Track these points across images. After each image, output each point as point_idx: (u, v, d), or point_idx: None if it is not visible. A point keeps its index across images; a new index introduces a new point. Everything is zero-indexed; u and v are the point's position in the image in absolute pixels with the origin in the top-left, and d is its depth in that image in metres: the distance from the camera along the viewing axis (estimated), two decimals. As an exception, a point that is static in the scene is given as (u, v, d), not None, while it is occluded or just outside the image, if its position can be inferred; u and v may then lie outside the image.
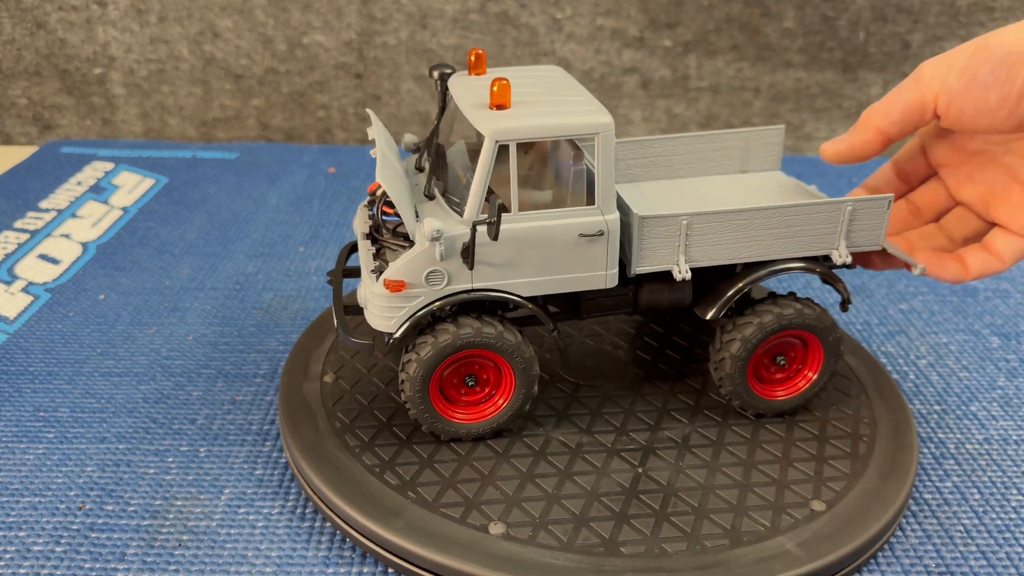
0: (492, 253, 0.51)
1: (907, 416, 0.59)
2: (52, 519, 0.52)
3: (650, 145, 0.62)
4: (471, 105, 0.51)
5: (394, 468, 0.53)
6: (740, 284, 0.55)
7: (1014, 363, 0.70)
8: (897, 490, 0.53)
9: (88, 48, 1.12)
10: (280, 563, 0.50)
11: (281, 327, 0.73)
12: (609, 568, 0.47)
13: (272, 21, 1.11)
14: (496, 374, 0.55)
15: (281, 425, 0.57)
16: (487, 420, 0.55)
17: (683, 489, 0.52)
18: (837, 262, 0.55)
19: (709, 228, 0.53)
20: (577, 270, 0.52)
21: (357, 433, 0.56)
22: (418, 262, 0.50)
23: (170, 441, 0.59)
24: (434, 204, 0.53)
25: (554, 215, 0.51)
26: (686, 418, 0.58)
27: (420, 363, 0.52)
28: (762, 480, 0.53)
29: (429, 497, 0.51)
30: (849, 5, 1.10)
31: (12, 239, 0.85)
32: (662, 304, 0.56)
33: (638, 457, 0.55)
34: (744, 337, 0.55)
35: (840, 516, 0.51)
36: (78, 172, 1.01)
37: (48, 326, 0.72)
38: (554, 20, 1.12)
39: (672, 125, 1.17)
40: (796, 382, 0.58)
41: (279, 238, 0.88)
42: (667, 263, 0.53)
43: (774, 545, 0.49)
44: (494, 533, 0.49)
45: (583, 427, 0.57)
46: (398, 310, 0.51)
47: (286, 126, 1.17)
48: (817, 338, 0.57)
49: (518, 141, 0.49)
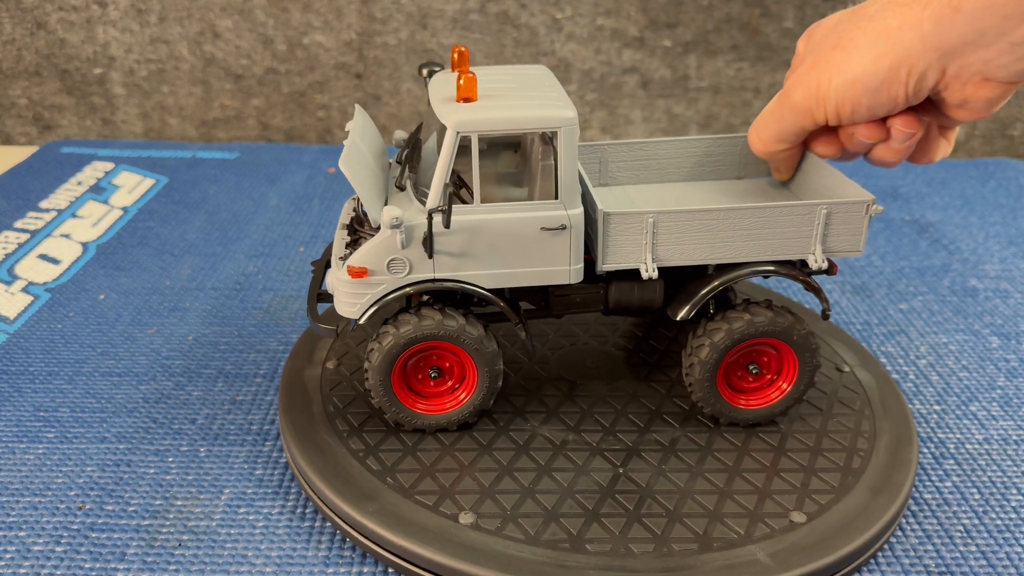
0: (453, 243, 0.51)
1: (910, 432, 0.57)
2: (52, 519, 0.52)
3: (641, 148, 0.62)
4: (440, 98, 0.52)
5: (377, 454, 0.54)
6: (711, 285, 0.54)
7: (1014, 363, 0.70)
8: (886, 506, 0.51)
9: (88, 48, 1.12)
10: (280, 563, 0.50)
11: (281, 327, 0.73)
12: (571, 564, 0.47)
13: (272, 21, 1.11)
14: (460, 367, 0.56)
15: (279, 408, 0.58)
16: (449, 412, 0.56)
17: (660, 492, 0.52)
18: (813, 267, 0.54)
19: (676, 227, 0.52)
20: (540, 264, 0.52)
21: (348, 418, 0.57)
22: (380, 249, 0.51)
23: (170, 441, 0.59)
24: (403, 195, 0.53)
25: (516, 207, 0.51)
26: (678, 422, 0.58)
27: (382, 352, 0.53)
28: (744, 488, 0.53)
29: (406, 484, 0.52)
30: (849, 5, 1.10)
31: (12, 239, 0.85)
32: (633, 304, 0.56)
33: (621, 457, 0.55)
34: (713, 343, 0.55)
35: (820, 529, 0.50)
36: (78, 172, 1.01)
37: (48, 326, 0.72)
38: (554, 20, 1.12)
39: (672, 125, 1.17)
40: (768, 393, 0.57)
41: (279, 238, 0.88)
42: (634, 261, 0.53)
43: (743, 553, 0.48)
44: (463, 523, 0.49)
45: (571, 425, 0.57)
46: (361, 296, 0.52)
47: (286, 126, 1.17)
48: (791, 348, 0.56)
49: (479, 133, 0.50)
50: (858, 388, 0.62)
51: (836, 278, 0.79)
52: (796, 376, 0.57)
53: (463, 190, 0.53)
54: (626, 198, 0.61)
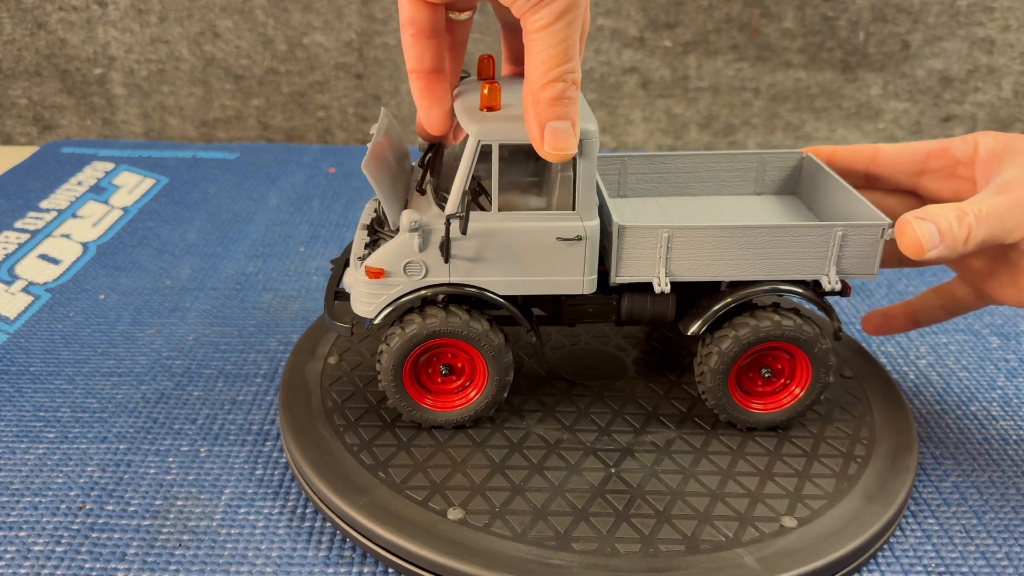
0: (470, 249, 0.52)
1: (910, 439, 0.57)
2: (53, 519, 0.52)
3: (661, 160, 0.62)
4: (464, 107, 0.52)
5: (371, 449, 0.54)
6: (724, 302, 0.54)
7: (1014, 363, 0.70)
8: (880, 513, 0.51)
9: (88, 48, 1.12)
10: (280, 563, 0.50)
11: (281, 327, 0.73)
12: (556, 562, 0.47)
13: (272, 21, 1.11)
14: (470, 363, 0.56)
15: (279, 403, 0.59)
16: (464, 408, 0.56)
17: (651, 493, 0.52)
18: (827, 288, 0.54)
19: (690, 243, 0.53)
20: (554, 273, 0.53)
21: (345, 413, 0.57)
22: (397, 251, 0.52)
23: (170, 441, 0.59)
24: (423, 198, 0.54)
25: (534, 217, 0.52)
26: (674, 424, 0.58)
27: (390, 353, 0.54)
28: (736, 491, 0.52)
29: (398, 479, 0.52)
30: (849, 5, 1.10)
31: (12, 239, 0.85)
32: (644, 316, 0.57)
33: (614, 458, 0.55)
34: (721, 350, 0.55)
35: (810, 534, 0.49)
36: (78, 172, 1.01)
37: (48, 326, 0.72)
38: (554, 20, 1.11)
39: (672, 125, 1.17)
40: (781, 397, 0.57)
41: (279, 238, 0.88)
42: (647, 275, 0.53)
43: (730, 556, 0.48)
44: (451, 518, 0.50)
45: (566, 424, 0.57)
46: (377, 297, 0.53)
47: (286, 126, 1.17)
48: (803, 351, 0.55)
49: (500, 142, 0.50)
50: (860, 394, 0.61)
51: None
52: (809, 380, 0.56)
53: (482, 197, 0.53)
54: (644, 210, 0.61)
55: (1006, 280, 0.55)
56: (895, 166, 0.59)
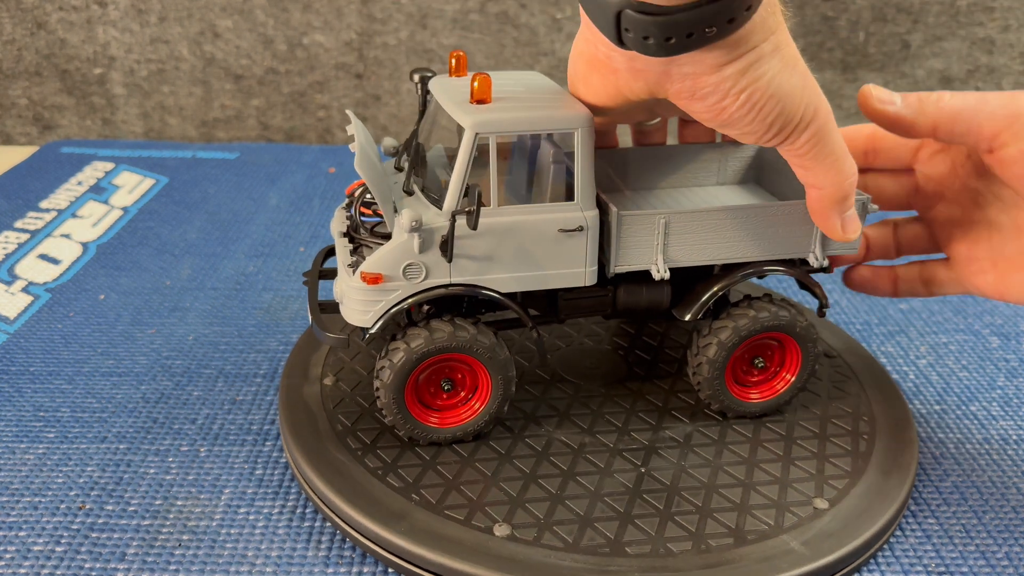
0: (471, 247, 0.51)
1: (906, 413, 0.59)
2: (52, 519, 0.52)
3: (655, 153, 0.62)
4: (453, 102, 0.51)
5: (396, 470, 0.53)
6: (718, 286, 0.55)
7: (1014, 363, 0.70)
8: (899, 486, 0.53)
9: (88, 48, 1.12)
10: (280, 563, 0.50)
11: (281, 327, 0.73)
12: (615, 568, 0.47)
13: (272, 21, 1.11)
14: (472, 377, 0.55)
15: (282, 428, 0.57)
16: (465, 423, 0.55)
17: (686, 488, 0.52)
18: (814, 265, 0.55)
19: (687, 227, 0.53)
20: (556, 267, 0.52)
21: (359, 435, 0.56)
22: (396, 254, 0.50)
23: (170, 441, 0.59)
24: (413, 199, 0.53)
25: (534, 210, 0.51)
26: (687, 417, 0.58)
27: (394, 369, 0.52)
28: (764, 479, 0.53)
29: (433, 499, 0.51)
30: (849, 5, 1.10)
31: (12, 239, 0.85)
32: (640, 306, 0.56)
33: (641, 457, 0.55)
34: (720, 341, 0.55)
35: (843, 513, 0.51)
36: (78, 172, 1.01)
37: (48, 326, 0.72)
38: (554, 20, 1.12)
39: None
40: (774, 384, 0.58)
41: (279, 238, 0.88)
42: (646, 263, 0.53)
43: (778, 543, 0.49)
44: (499, 535, 0.48)
45: (585, 427, 0.57)
46: (374, 304, 0.51)
47: (286, 126, 1.17)
48: (793, 339, 0.57)
49: (497, 134, 0.49)
50: (848, 372, 0.64)
51: (836, 278, 0.79)
52: (799, 366, 0.58)
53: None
54: (643, 202, 0.61)
55: (987, 265, 0.56)
56: (895, 138, 0.59)
